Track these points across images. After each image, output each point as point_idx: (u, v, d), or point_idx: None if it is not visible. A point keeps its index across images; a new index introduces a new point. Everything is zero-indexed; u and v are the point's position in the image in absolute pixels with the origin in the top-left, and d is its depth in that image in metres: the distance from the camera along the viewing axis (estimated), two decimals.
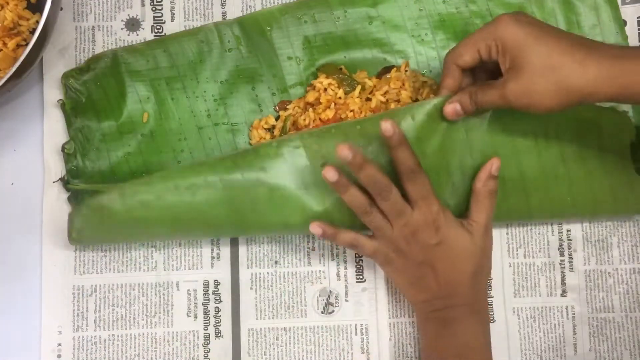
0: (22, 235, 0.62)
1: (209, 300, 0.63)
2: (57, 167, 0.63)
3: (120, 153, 0.63)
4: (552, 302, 0.64)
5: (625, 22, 0.67)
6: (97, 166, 0.63)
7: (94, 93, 0.63)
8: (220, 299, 0.63)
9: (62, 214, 0.62)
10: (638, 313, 0.64)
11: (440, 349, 0.57)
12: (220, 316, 0.63)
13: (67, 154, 0.62)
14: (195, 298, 0.63)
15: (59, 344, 0.61)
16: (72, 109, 0.63)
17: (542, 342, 0.64)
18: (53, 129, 0.63)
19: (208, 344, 0.62)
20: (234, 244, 0.64)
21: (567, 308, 0.64)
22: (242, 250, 0.64)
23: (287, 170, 0.57)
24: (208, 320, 0.63)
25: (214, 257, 0.63)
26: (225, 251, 0.64)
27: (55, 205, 0.62)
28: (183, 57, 0.63)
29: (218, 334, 0.63)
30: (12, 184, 0.63)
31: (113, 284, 0.63)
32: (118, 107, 0.63)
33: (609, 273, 0.65)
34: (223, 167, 0.58)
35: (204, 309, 0.63)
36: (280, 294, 0.63)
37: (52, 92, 0.64)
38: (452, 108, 0.55)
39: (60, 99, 0.63)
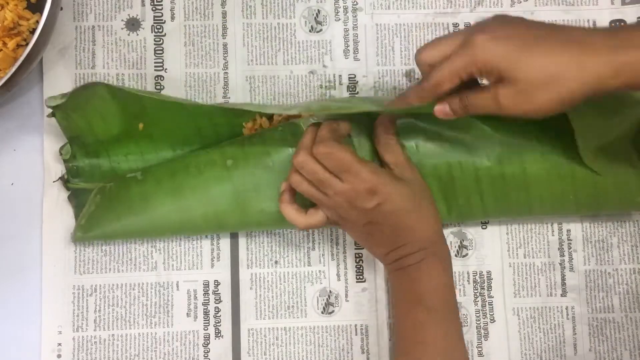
0: (22, 235, 0.62)
1: (209, 300, 0.63)
2: (57, 167, 0.63)
3: (120, 152, 0.63)
4: (552, 302, 0.64)
5: (625, 23, 0.67)
6: (97, 165, 0.63)
7: (85, 110, 0.60)
8: (220, 299, 0.63)
9: (62, 214, 0.62)
10: (638, 313, 0.64)
11: (402, 297, 0.56)
12: (220, 316, 0.63)
13: (64, 159, 0.62)
14: (195, 298, 0.63)
15: (59, 344, 0.61)
16: (65, 120, 0.60)
17: (542, 342, 0.64)
18: (53, 128, 0.63)
19: (208, 344, 0.62)
20: (234, 244, 0.64)
21: (567, 308, 0.64)
22: (242, 250, 0.64)
23: (290, 155, 0.57)
24: (208, 320, 0.63)
25: (214, 257, 0.63)
26: (225, 251, 0.64)
27: (55, 205, 0.62)
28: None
29: (218, 334, 0.63)
30: (12, 184, 0.63)
31: (113, 284, 0.63)
32: (112, 122, 0.61)
33: (609, 273, 0.65)
34: (231, 150, 0.59)
35: (204, 309, 0.63)
36: (280, 294, 0.63)
37: (52, 92, 0.63)
38: (441, 109, 0.52)
39: (50, 112, 0.60)
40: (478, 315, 0.64)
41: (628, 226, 0.65)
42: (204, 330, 0.62)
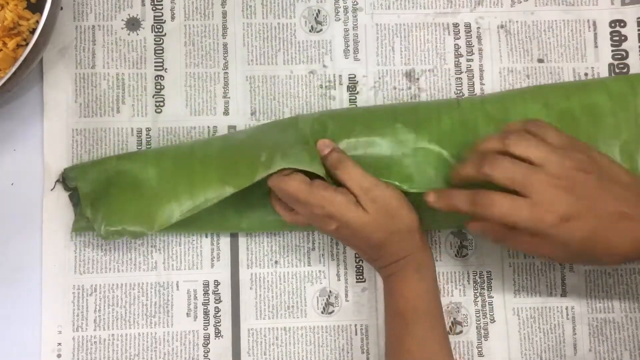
0: (22, 235, 0.62)
1: (208, 300, 0.63)
2: (57, 167, 0.63)
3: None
4: (552, 302, 0.64)
5: (624, 23, 0.67)
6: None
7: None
8: (220, 299, 0.63)
9: (62, 214, 0.62)
10: (638, 313, 0.64)
11: (386, 305, 0.57)
12: (220, 316, 0.63)
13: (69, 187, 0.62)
14: (195, 298, 0.63)
15: (59, 344, 0.61)
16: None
17: (542, 342, 0.64)
18: (53, 129, 0.63)
19: (208, 344, 0.62)
20: (234, 244, 0.64)
21: (567, 308, 0.64)
22: (242, 250, 0.64)
23: None
24: (208, 320, 0.63)
25: (214, 257, 0.63)
26: (225, 251, 0.64)
27: (55, 205, 0.62)
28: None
29: (218, 334, 0.63)
30: (12, 184, 0.63)
31: (113, 284, 0.63)
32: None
33: (609, 273, 0.65)
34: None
35: (204, 309, 0.63)
36: (280, 294, 0.63)
37: (52, 92, 0.64)
38: (476, 230, 0.53)
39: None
40: (478, 315, 0.64)
41: None
42: (204, 330, 0.62)
